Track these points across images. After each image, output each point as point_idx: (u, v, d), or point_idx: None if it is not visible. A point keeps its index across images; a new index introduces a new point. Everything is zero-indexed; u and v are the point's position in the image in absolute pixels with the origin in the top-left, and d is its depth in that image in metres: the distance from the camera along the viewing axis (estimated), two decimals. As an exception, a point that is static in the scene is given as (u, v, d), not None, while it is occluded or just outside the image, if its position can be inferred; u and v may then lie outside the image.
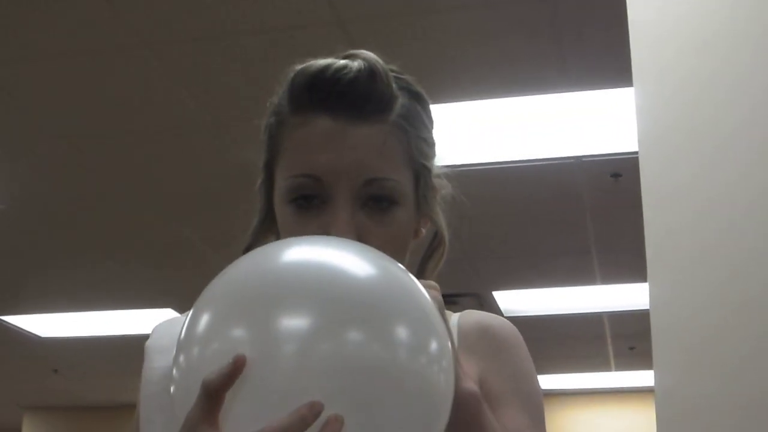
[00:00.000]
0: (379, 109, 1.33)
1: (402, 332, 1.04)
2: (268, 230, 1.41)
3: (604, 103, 4.75)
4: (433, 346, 1.07)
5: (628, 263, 6.88)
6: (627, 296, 7.96)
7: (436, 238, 1.43)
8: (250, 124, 1.45)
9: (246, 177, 1.45)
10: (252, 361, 0.99)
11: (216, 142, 5.14)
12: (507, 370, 1.42)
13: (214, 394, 0.98)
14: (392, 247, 1.28)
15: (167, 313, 8.33)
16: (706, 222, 2.38)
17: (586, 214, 6.21)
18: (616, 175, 5.51)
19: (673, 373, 2.33)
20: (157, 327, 1.52)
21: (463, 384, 1.17)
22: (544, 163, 5.41)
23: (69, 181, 5.81)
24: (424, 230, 1.43)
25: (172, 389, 1.10)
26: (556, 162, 5.40)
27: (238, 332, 1.03)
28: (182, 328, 1.11)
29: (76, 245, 6.97)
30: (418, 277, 1.25)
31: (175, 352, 1.11)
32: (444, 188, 1.45)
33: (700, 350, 2.32)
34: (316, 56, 1.37)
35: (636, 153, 2.51)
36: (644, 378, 10.78)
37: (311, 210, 1.31)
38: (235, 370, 0.98)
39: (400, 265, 1.14)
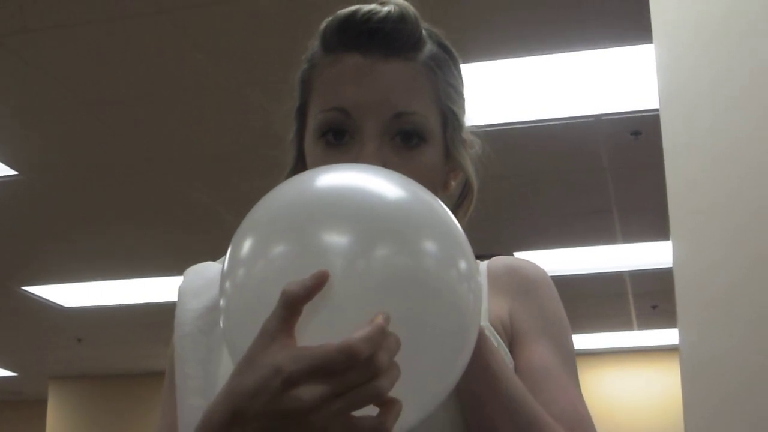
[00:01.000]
0: (408, 47, 1.35)
1: (435, 248, 1.08)
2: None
3: (623, 61, 4.72)
4: (463, 264, 1.10)
5: (648, 221, 6.86)
6: (648, 255, 7.95)
7: (465, 187, 1.44)
8: (267, 88, 1.46)
9: (268, 143, 1.45)
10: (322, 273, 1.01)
11: (234, 106, 5.13)
12: (535, 309, 1.43)
13: (293, 306, 0.99)
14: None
15: (189, 281, 8.37)
16: (728, 177, 2.37)
17: (607, 172, 6.19)
18: (636, 133, 5.48)
19: (697, 330, 2.33)
20: (189, 270, 1.53)
21: None
22: (564, 122, 5.39)
23: (86, 149, 5.83)
24: (454, 183, 1.44)
25: (222, 309, 1.13)
26: (576, 121, 5.38)
27: (297, 246, 1.06)
28: (226, 257, 1.13)
29: (95, 214, 6.99)
30: None
31: (220, 281, 1.13)
32: (474, 145, 1.46)
33: (723, 306, 2.32)
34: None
35: (656, 110, 2.50)
36: (667, 336, 10.78)
37: (341, 147, 1.33)
38: (319, 283, 0.99)
39: (430, 192, 1.17)
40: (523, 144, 5.66)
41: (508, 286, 1.46)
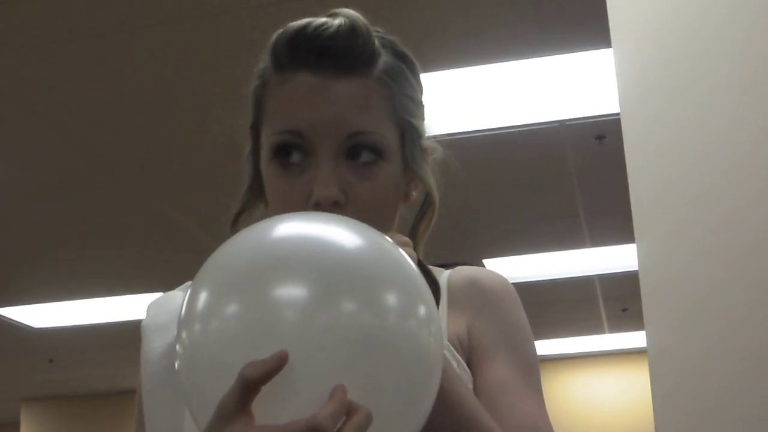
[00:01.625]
0: (361, 63, 1.32)
1: (393, 299, 1.06)
2: (256, 196, 1.42)
3: (586, 66, 4.74)
4: (422, 311, 1.09)
5: (616, 225, 6.89)
6: (617, 258, 7.98)
7: (427, 199, 1.41)
8: (237, 105, 1.46)
9: (240, 159, 1.46)
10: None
11: (204, 123, 5.13)
12: (494, 321, 1.42)
13: (252, 387, 0.98)
14: (378, 204, 1.31)
15: (160, 298, 8.33)
16: (691, 180, 2.39)
17: (573, 177, 6.21)
18: (600, 137, 5.51)
19: (665, 332, 2.35)
20: (151, 305, 1.49)
21: None
22: (528, 128, 5.41)
23: (53, 168, 5.79)
24: (414, 194, 1.42)
25: (176, 364, 1.10)
26: (540, 127, 5.39)
27: (239, 307, 1.04)
28: (183, 305, 1.11)
29: (64, 233, 6.95)
30: (410, 239, 1.30)
31: (177, 328, 1.11)
32: (435, 152, 1.44)
33: (690, 308, 2.34)
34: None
35: (619, 114, 2.52)
36: (638, 339, 10.81)
37: (295, 168, 1.31)
38: (278, 366, 0.98)
39: (384, 236, 1.15)
40: (488, 152, 5.68)
41: (467, 300, 1.44)
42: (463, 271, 1.49)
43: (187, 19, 4.22)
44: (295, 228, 1.12)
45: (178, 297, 1.45)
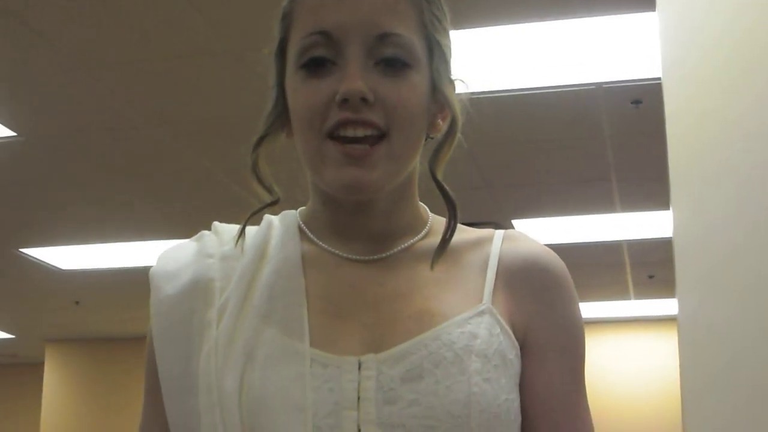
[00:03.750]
0: None
1: None
2: (280, 120, 1.38)
3: (625, 29, 4.70)
4: None
5: (647, 191, 6.86)
6: (646, 224, 7.95)
7: (451, 124, 1.36)
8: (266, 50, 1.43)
9: (264, 106, 1.43)
10: None
11: (233, 70, 5.12)
12: (555, 320, 1.36)
13: None
14: (407, 108, 1.28)
15: (187, 244, 8.37)
16: (730, 148, 2.36)
17: (606, 141, 6.18)
18: (637, 102, 5.47)
19: (695, 299, 2.33)
20: (161, 255, 1.46)
21: None
22: (565, 89, 5.38)
23: (87, 112, 5.81)
24: (442, 123, 1.37)
25: None
26: (577, 89, 5.37)
27: None
28: None
29: (94, 176, 6.97)
30: (432, 162, 1.31)
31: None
32: (463, 90, 1.39)
33: (722, 276, 2.32)
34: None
35: (657, 79, 2.49)
36: (664, 306, 10.79)
37: (323, 74, 1.28)
38: None
39: None
40: (523, 111, 5.65)
41: (526, 283, 1.36)
42: (521, 246, 1.40)
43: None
44: None
45: (190, 246, 1.43)
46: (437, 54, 1.33)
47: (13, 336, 13.76)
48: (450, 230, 1.35)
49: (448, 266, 1.36)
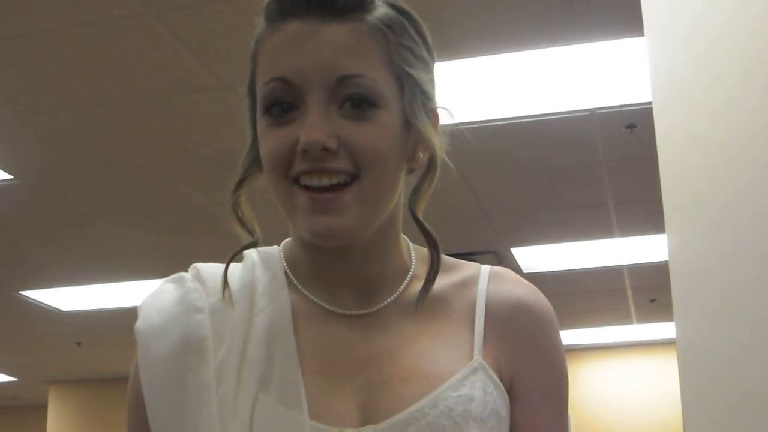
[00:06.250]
0: (352, 8, 1.25)
1: None
2: (257, 162, 1.35)
3: (617, 54, 4.72)
4: None
5: (645, 215, 6.87)
6: (646, 248, 7.95)
7: (429, 160, 1.32)
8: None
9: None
10: None
11: (224, 107, 5.13)
12: (543, 365, 1.36)
13: None
14: (375, 150, 1.23)
15: (187, 282, 8.37)
16: (722, 171, 2.37)
17: (602, 166, 6.19)
18: (631, 126, 5.48)
19: (694, 325, 2.33)
20: (142, 306, 1.39)
21: None
22: (559, 116, 5.39)
23: (81, 152, 5.82)
24: (422, 156, 1.32)
25: None
26: (571, 115, 5.38)
27: None
28: None
29: (92, 217, 6.98)
30: (412, 200, 1.29)
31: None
32: (448, 118, 1.36)
33: (720, 300, 2.32)
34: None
35: (650, 104, 2.50)
36: (666, 330, 10.78)
37: (287, 120, 1.25)
38: None
39: None
40: (519, 139, 5.66)
41: (512, 332, 1.36)
42: (507, 289, 1.39)
43: (210, 2, 4.22)
44: None
45: (171, 293, 1.38)
46: (408, 88, 1.28)
47: (15, 379, 13.75)
48: (433, 271, 1.33)
49: (436, 316, 1.35)
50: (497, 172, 5.99)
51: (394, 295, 1.35)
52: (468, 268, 1.41)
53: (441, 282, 1.35)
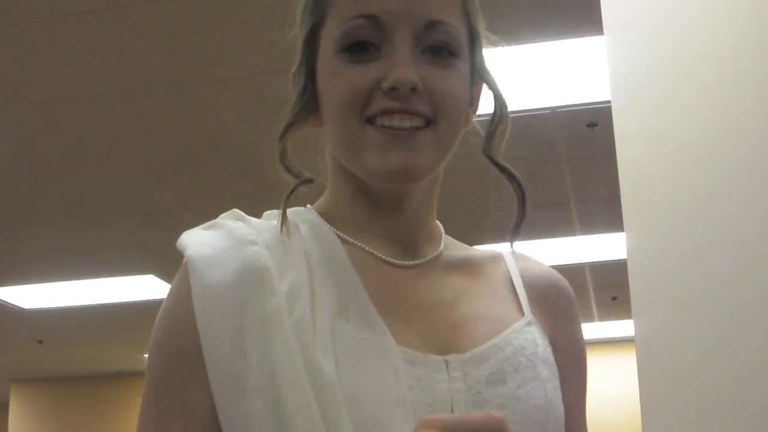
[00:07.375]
0: None
1: None
2: (307, 108, 1.30)
3: (578, 53, 4.73)
4: None
5: (607, 213, 6.88)
6: (607, 246, 7.99)
7: (496, 108, 1.36)
8: (219, 86, 1.43)
9: (221, 139, 1.43)
10: None
11: (185, 104, 5.12)
12: (574, 342, 1.39)
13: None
14: (453, 97, 1.24)
15: (149, 280, 8.34)
16: (681, 170, 2.39)
17: (564, 165, 6.21)
18: (592, 125, 5.50)
19: (653, 322, 2.35)
20: (187, 238, 1.27)
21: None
22: (519, 114, 5.40)
23: (44, 149, 5.78)
24: (472, 115, 1.35)
25: None
26: (532, 114, 5.39)
27: None
28: None
29: (54, 214, 6.94)
30: (486, 147, 1.36)
31: None
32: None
33: (678, 298, 2.34)
34: (287, 17, 1.32)
35: (611, 102, 2.51)
36: (628, 328, 10.83)
37: (366, 59, 1.22)
38: None
39: None
40: (478, 138, 5.65)
41: (549, 305, 1.38)
42: (536, 266, 1.45)
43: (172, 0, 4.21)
44: None
45: (213, 233, 1.28)
46: (478, 44, 1.32)
47: (-24, 378, 13.65)
48: (522, 205, 1.47)
49: (478, 277, 1.36)
50: (456, 170, 5.98)
51: (437, 251, 1.36)
52: (486, 249, 1.45)
53: (471, 253, 1.39)
